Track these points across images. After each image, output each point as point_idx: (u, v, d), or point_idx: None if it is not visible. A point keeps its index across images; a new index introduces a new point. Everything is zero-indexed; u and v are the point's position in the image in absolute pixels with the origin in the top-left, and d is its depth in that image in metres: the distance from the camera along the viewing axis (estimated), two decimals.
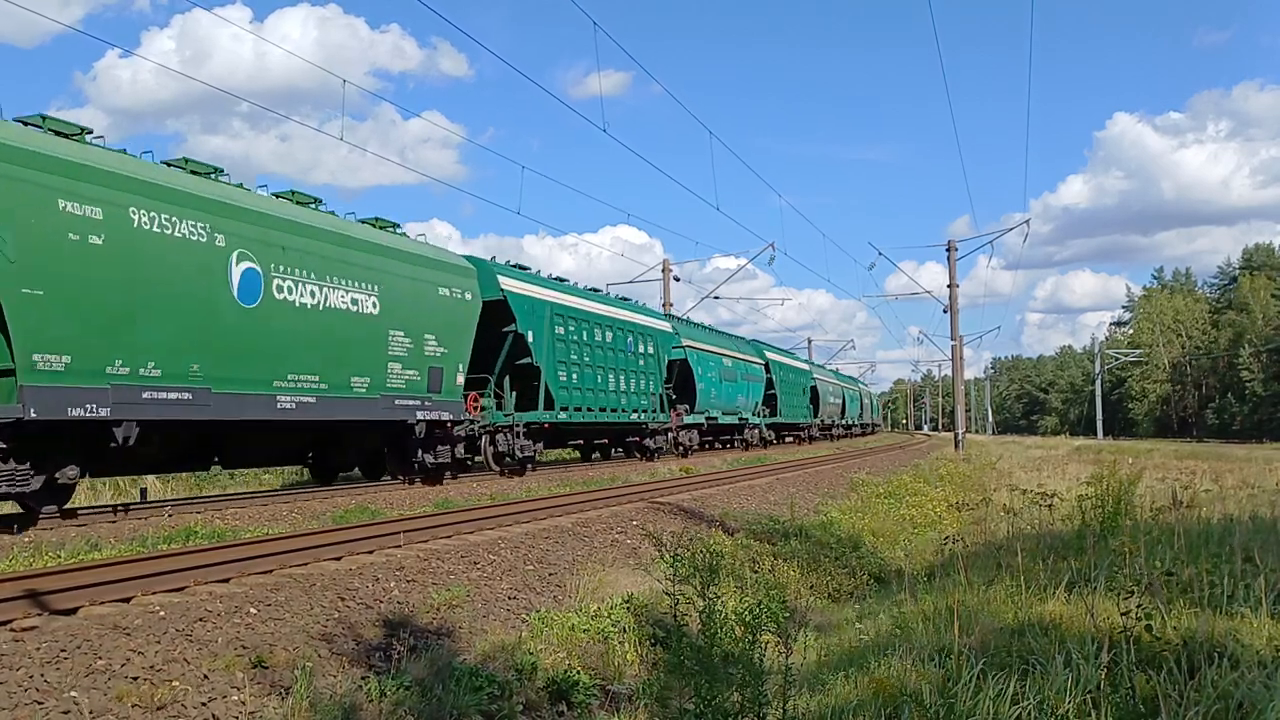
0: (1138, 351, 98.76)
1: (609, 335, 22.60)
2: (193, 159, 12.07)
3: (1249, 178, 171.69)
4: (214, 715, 5.07)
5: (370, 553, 8.73)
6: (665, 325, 27.25)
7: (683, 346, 28.04)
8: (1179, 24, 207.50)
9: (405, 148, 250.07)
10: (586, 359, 21.33)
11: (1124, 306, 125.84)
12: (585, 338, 21.34)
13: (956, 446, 38.82)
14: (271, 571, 7.63)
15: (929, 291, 65.51)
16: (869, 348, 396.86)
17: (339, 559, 8.38)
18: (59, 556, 8.37)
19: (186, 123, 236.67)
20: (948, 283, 39.80)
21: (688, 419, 28.07)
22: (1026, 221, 54.96)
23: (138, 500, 14.56)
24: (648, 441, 25.66)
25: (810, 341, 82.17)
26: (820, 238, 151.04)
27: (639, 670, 7.07)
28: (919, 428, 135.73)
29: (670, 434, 26.80)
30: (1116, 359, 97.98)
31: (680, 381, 28.00)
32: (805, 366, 47.98)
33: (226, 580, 7.23)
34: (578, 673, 6.48)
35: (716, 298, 50.72)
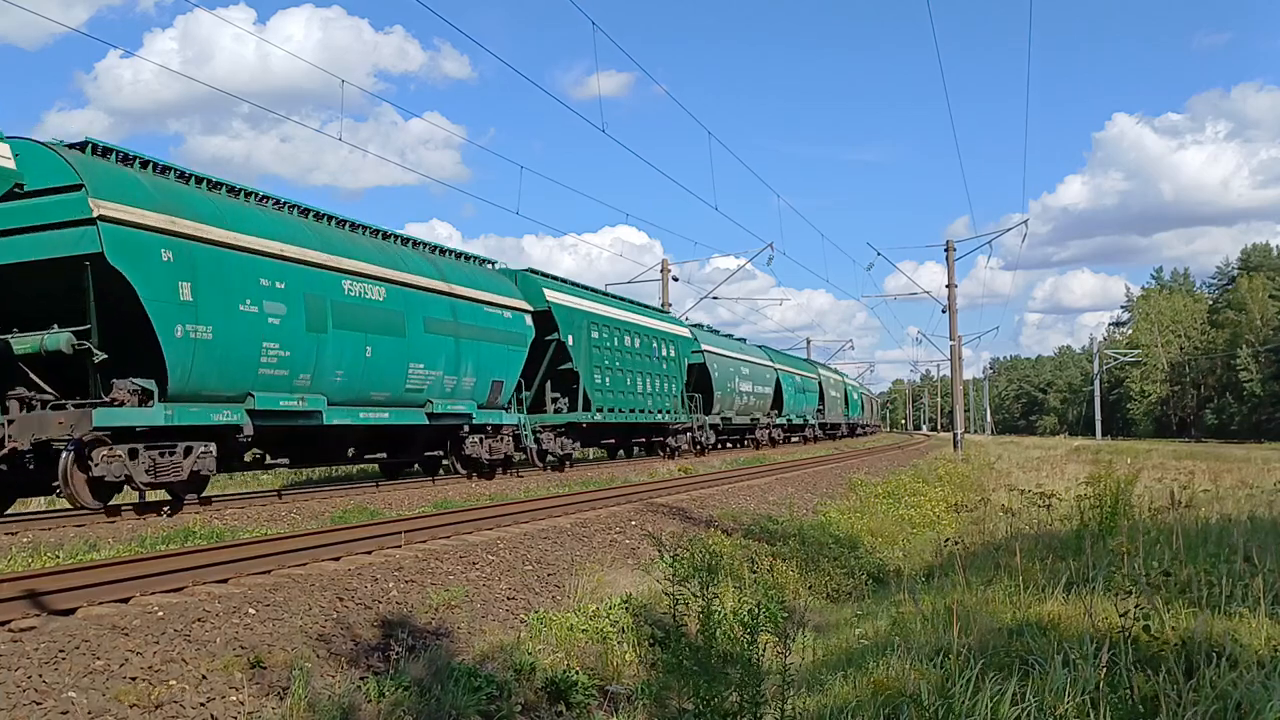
0: (1136, 352, 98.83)
1: None
2: None
3: (1248, 178, 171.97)
4: (212, 715, 5.06)
5: (369, 553, 8.73)
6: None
7: (202, 238, 11.60)
8: (1178, 26, 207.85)
9: (406, 148, 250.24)
10: None
11: (1123, 307, 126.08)
12: None
13: (955, 447, 38.81)
14: (270, 572, 7.63)
15: (928, 292, 64.63)
16: (868, 348, 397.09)
17: (338, 559, 8.38)
18: (57, 557, 8.36)
19: (187, 123, 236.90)
20: (946, 283, 39.81)
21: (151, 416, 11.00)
22: (1025, 222, 55.38)
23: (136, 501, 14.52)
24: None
25: (809, 341, 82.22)
26: (819, 238, 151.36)
27: (637, 670, 7.07)
28: (917, 428, 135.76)
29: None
30: (1115, 359, 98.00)
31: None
32: (682, 332, 28.90)
33: (225, 580, 7.22)
34: (576, 673, 6.48)
35: (715, 298, 50.32)
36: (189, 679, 5.29)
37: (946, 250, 39.65)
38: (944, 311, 39.87)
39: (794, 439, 45.80)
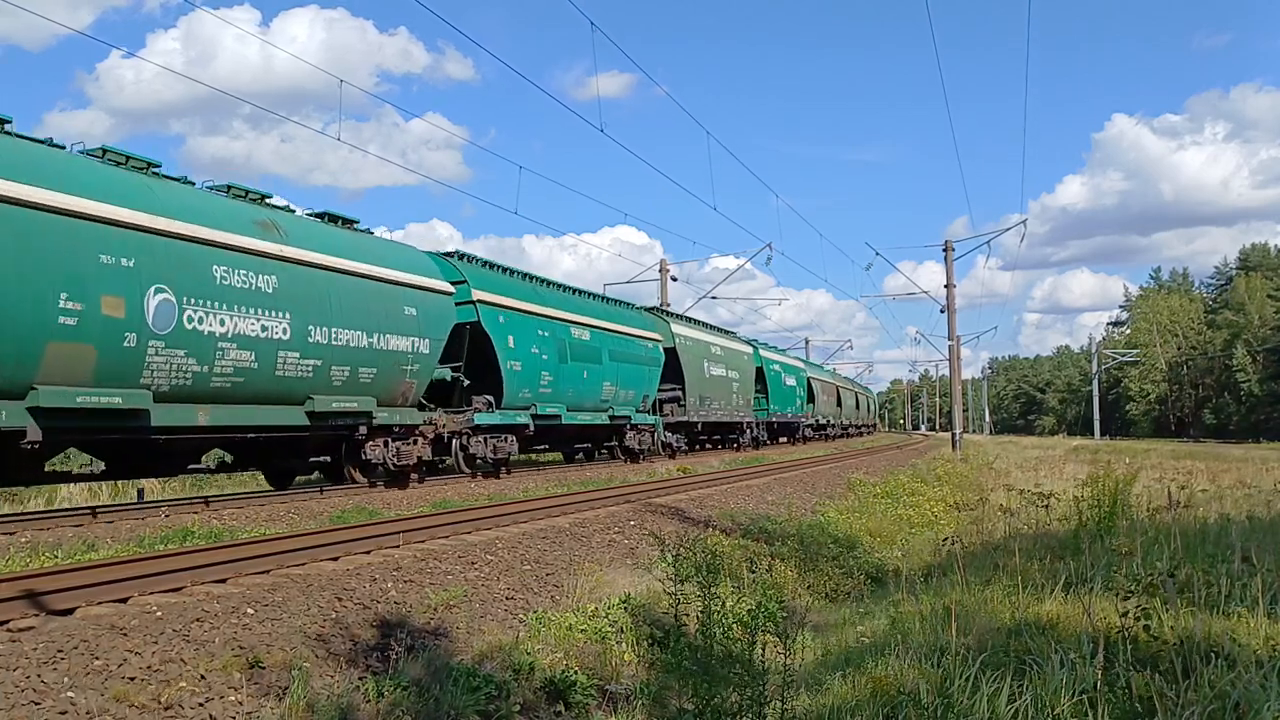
0: (1135, 352, 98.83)
1: None
2: None
3: (1248, 178, 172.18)
4: (211, 715, 5.06)
5: (368, 553, 8.73)
6: None
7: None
8: (1178, 26, 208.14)
9: (407, 149, 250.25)
10: None
11: (1121, 306, 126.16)
12: None
13: (954, 446, 38.81)
14: (269, 572, 7.63)
15: (927, 292, 64.09)
16: (867, 348, 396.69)
17: (336, 559, 8.38)
18: (56, 557, 8.35)
19: (189, 124, 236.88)
20: (945, 283, 39.80)
21: None
22: (1024, 222, 55.16)
23: (135, 501, 14.55)
24: None
25: (808, 341, 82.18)
26: (818, 238, 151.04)
27: (636, 670, 7.07)
28: (916, 428, 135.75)
29: None
30: (1114, 359, 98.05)
31: None
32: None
33: (224, 580, 7.22)
34: (575, 673, 6.48)
35: (714, 298, 50.24)
36: (188, 679, 5.29)
37: (945, 250, 39.65)
38: (943, 311, 39.87)
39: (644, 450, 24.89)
